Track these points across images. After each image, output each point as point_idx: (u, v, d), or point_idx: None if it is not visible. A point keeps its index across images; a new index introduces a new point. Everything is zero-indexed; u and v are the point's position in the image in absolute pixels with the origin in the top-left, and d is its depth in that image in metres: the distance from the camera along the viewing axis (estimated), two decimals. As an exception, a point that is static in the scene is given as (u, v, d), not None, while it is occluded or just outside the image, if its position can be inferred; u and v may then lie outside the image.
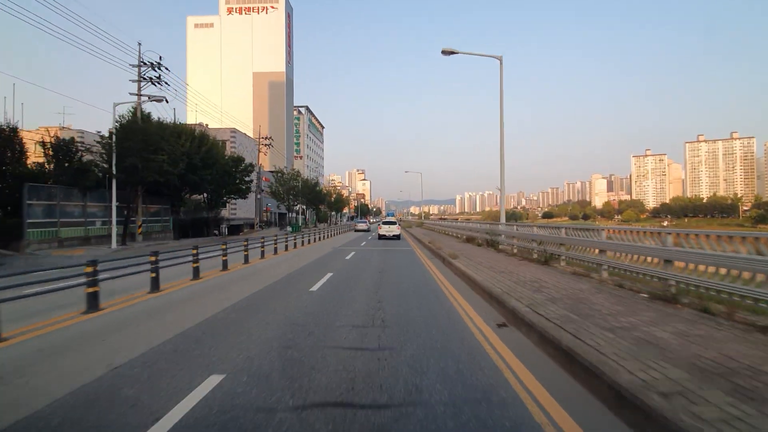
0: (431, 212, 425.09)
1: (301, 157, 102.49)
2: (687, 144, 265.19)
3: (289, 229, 48.80)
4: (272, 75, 77.37)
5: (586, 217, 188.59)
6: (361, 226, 50.08)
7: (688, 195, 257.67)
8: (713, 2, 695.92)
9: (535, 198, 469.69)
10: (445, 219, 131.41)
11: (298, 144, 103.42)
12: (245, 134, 53.20)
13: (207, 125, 50.59)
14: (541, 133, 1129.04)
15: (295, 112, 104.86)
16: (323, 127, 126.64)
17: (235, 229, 50.25)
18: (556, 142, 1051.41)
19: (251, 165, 37.53)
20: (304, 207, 69.39)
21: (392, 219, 37.87)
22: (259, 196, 49.74)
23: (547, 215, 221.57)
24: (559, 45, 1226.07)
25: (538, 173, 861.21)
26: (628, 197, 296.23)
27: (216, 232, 46.16)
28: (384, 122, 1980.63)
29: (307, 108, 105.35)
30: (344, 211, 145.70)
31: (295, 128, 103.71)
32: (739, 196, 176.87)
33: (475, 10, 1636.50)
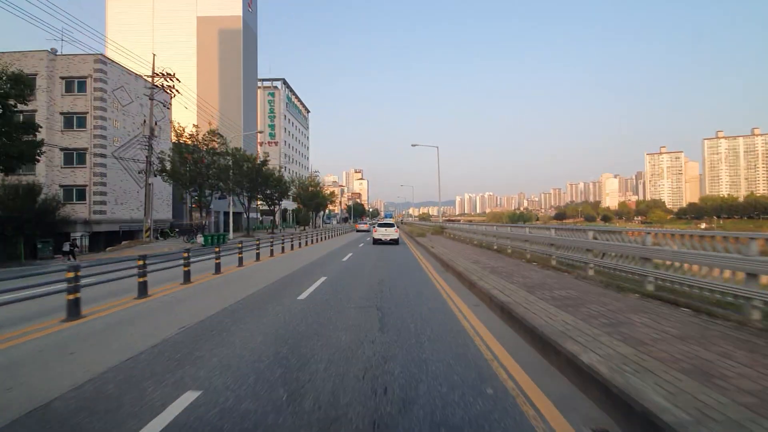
0: (431, 213, 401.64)
1: (275, 143, 79.16)
2: (705, 141, 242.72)
3: (200, 241, 25.55)
4: (224, 21, 54.32)
5: (606, 219, 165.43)
6: (362, 227, 49.79)
7: (707, 194, 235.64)
8: None
9: (537, 199, 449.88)
10: (452, 221, 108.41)
11: (272, 126, 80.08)
12: (129, 72, 29.76)
13: (54, 49, 27.27)
14: (543, 132, 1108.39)
15: (268, 86, 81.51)
16: (309, 112, 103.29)
17: (109, 240, 26.90)
18: (557, 142, 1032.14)
19: (20, 81, 14.09)
20: (249, 201, 46.18)
21: (389, 221, 29.24)
22: (151, 182, 26.48)
23: (559, 216, 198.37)
24: (561, 43, 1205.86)
25: (538, 174, 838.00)
26: (635, 197, 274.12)
27: (68, 247, 22.95)
28: (384, 124, 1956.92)
29: (284, 82, 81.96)
30: (334, 211, 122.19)
31: (269, 106, 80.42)
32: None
33: (485, 10, 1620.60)
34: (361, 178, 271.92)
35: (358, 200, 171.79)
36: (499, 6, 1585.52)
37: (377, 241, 23.39)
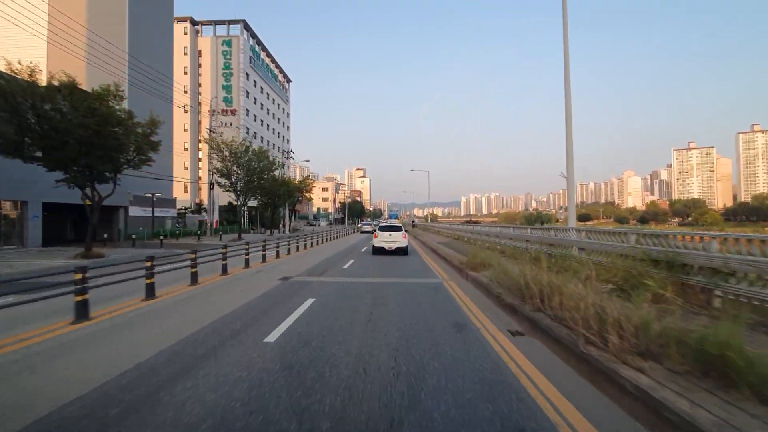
0: (437, 214, 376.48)
1: (233, 112, 54.58)
2: (740, 135, 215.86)
3: None
4: None
5: (643, 221, 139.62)
6: (366, 228, 43.22)
7: (742, 193, 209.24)
8: None
9: (545, 200, 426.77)
10: (476, 222, 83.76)
11: (228, 88, 55.45)
12: None
13: None
14: (550, 132, 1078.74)
15: (222, 33, 56.94)
16: (289, 81, 78.54)
17: None
18: (564, 142, 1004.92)
19: None
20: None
21: (395, 222, 23.93)
22: None
23: (584, 217, 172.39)
24: (559, 43, 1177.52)
25: (545, 175, 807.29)
26: (652, 197, 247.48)
27: None
28: (388, 126, 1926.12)
29: (245, 25, 57.25)
30: (327, 209, 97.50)
31: (223, 59, 55.80)
32: None
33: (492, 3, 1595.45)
34: (363, 176, 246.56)
35: (358, 198, 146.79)
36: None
37: (379, 251, 15.87)
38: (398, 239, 15.82)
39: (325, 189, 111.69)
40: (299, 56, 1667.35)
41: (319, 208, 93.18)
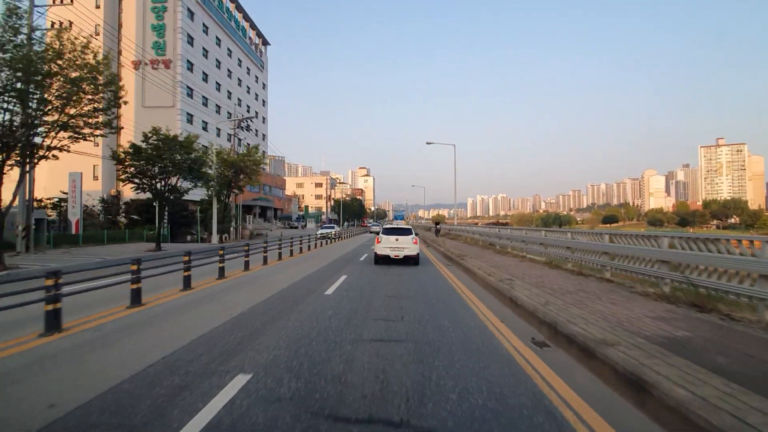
0: (444, 216, 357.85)
1: (166, 63, 37.07)
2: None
3: None
4: None
5: (684, 223, 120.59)
6: (375, 228, 41.70)
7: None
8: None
9: (554, 201, 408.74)
10: (504, 225, 65.80)
11: (160, 29, 37.95)
12: None
13: None
14: (556, 134, 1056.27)
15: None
16: (266, 44, 60.85)
17: None
18: (571, 144, 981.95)
19: None
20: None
21: (402, 224, 19.22)
22: None
23: (609, 219, 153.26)
24: (560, 44, 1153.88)
25: (552, 177, 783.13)
26: (671, 199, 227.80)
27: None
28: (393, 126, 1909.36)
29: (188, -61, 39.86)
30: (322, 209, 79.63)
31: (152, -12, 38.26)
32: None
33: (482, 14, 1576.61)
34: (367, 175, 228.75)
35: (359, 196, 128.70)
36: None
37: (381, 259, 12.52)
38: (407, 245, 12.34)
39: (318, 185, 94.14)
40: (300, 57, 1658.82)
41: (307, 207, 75.61)
